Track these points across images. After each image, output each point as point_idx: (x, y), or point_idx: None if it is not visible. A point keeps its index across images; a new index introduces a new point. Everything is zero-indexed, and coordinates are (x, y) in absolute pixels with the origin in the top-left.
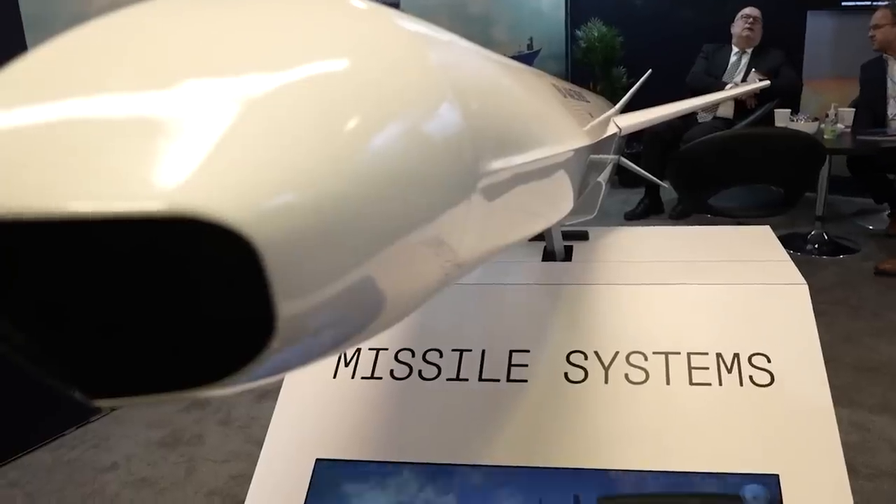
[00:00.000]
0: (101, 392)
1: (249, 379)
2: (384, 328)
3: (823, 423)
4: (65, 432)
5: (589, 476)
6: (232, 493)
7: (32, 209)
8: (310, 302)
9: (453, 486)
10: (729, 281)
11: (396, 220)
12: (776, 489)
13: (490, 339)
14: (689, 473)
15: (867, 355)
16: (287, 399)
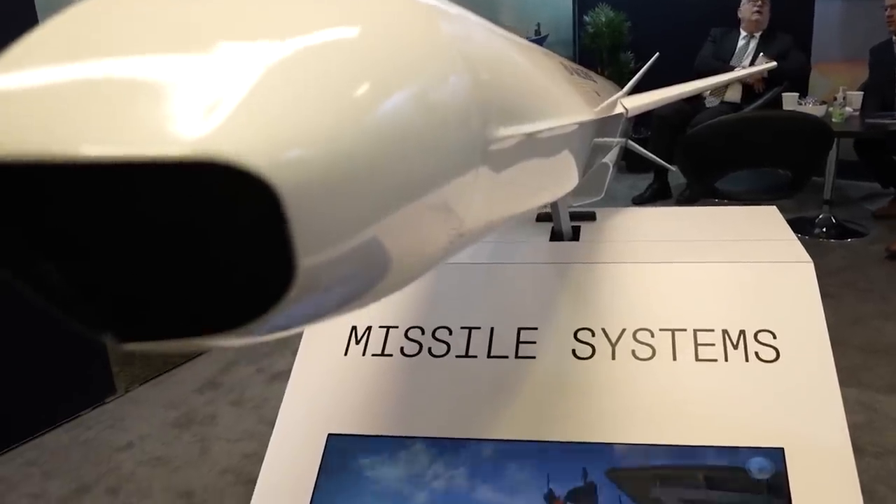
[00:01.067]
0: (130, 336)
1: (267, 328)
2: (389, 291)
3: (828, 397)
4: (81, 413)
5: (596, 450)
6: (245, 472)
7: (66, 154)
8: (327, 253)
9: (463, 459)
10: (735, 259)
11: (407, 181)
12: (781, 462)
13: (498, 316)
14: (696, 447)
15: (875, 337)
16: (299, 376)
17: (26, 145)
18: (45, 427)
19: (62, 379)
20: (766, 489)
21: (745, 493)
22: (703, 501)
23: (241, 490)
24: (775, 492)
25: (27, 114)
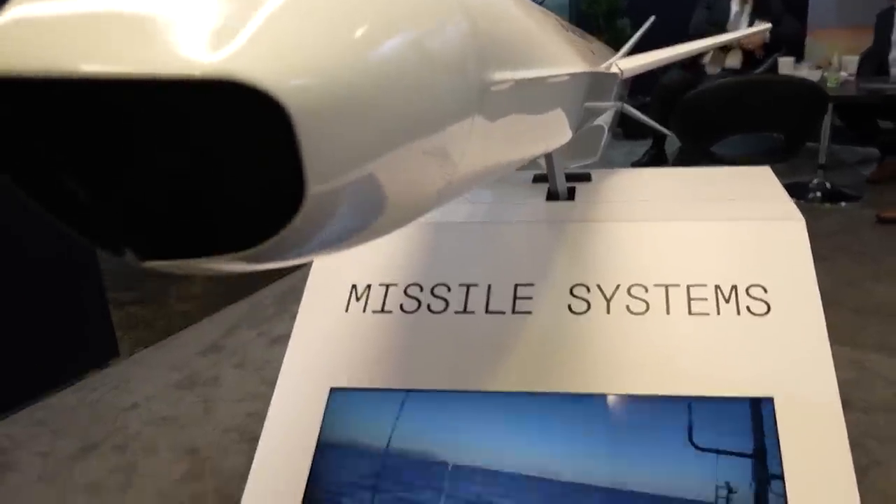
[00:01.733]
0: (149, 254)
1: (274, 253)
2: (384, 231)
3: (818, 349)
4: (86, 375)
5: (592, 400)
6: (248, 430)
7: (94, 72)
8: (333, 180)
9: (462, 412)
10: (728, 217)
11: (406, 118)
12: (771, 411)
13: (496, 274)
14: (688, 397)
15: (867, 298)
16: (301, 332)
17: (58, 63)
18: (51, 388)
19: (67, 342)
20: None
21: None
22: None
23: (245, 447)
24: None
25: (56, 36)
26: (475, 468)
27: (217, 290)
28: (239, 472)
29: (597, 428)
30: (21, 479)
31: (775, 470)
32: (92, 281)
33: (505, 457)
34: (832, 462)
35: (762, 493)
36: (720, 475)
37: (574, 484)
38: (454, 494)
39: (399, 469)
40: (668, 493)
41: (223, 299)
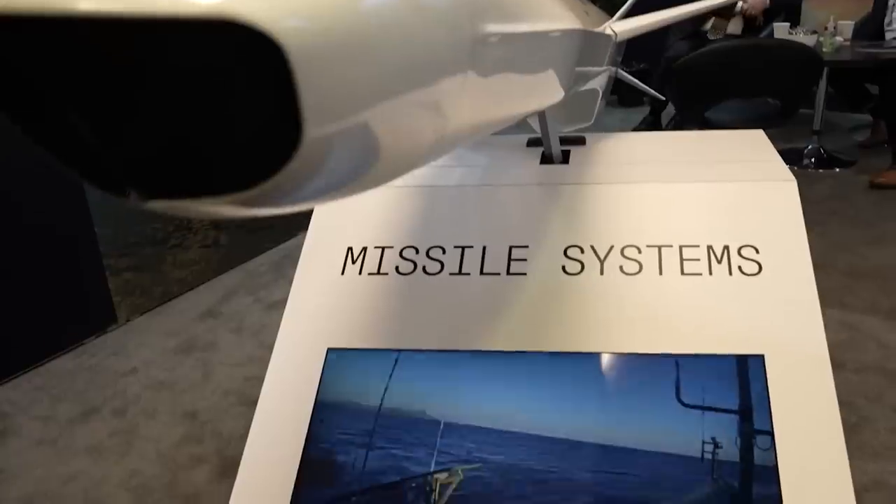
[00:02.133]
0: (151, 195)
1: (270, 196)
2: (377, 182)
3: (808, 308)
4: (84, 341)
5: (583, 359)
6: (247, 393)
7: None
8: (328, 124)
9: (458, 371)
10: (721, 179)
11: (401, 66)
12: (762, 369)
13: (490, 236)
14: (680, 355)
15: (859, 262)
16: (298, 294)
17: (54, 1)
18: (49, 354)
19: (64, 308)
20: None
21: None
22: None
23: (243, 410)
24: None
25: None
26: (467, 426)
27: (213, 257)
28: (238, 435)
29: (587, 386)
30: (22, 443)
31: (761, 426)
32: (88, 247)
33: (497, 414)
34: (821, 417)
35: (747, 447)
36: (706, 431)
37: (565, 440)
38: (446, 451)
39: (392, 427)
40: (657, 448)
41: (219, 266)
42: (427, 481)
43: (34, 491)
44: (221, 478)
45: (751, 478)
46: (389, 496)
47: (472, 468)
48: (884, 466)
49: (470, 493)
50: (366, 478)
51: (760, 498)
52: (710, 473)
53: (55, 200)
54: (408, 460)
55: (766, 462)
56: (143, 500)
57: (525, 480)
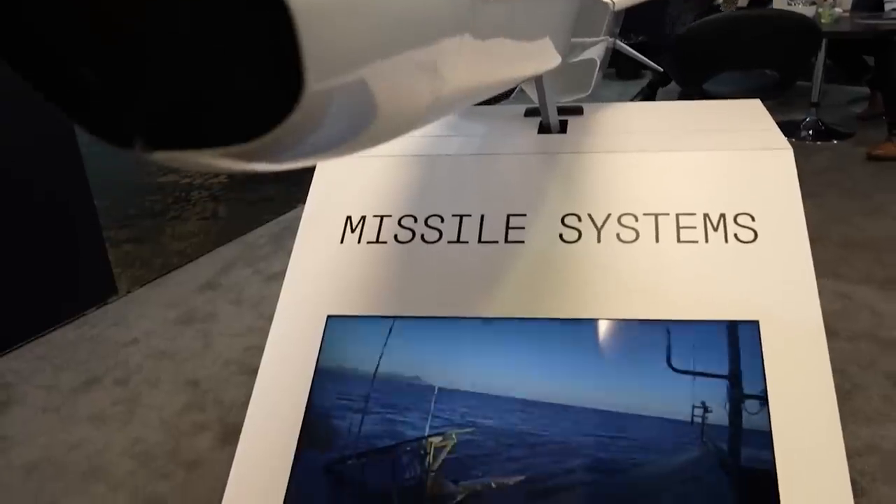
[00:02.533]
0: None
1: (270, 150)
2: (374, 142)
3: (802, 275)
4: (85, 312)
5: (577, 326)
6: (247, 363)
7: None
8: (329, 79)
9: (456, 337)
10: (717, 147)
11: (401, 24)
12: (752, 334)
13: (488, 204)
14: (676, 321)
15: (855, 233)
16: (297, 263)
17: None
18: (50, 326)
19: (65, 280)
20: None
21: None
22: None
23: (244, 379)
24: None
25: None
26: (461, 391)
27: (212, 230)
28: (240, 403)
29: (579, 352)
30: (26, 412)
31: (750, 390)
32: (88, 220)
33: (490, 380)
34: (814, 383)
35: (736, 412)
36: (696, 395)
37: (556, 405)
38: (440, 416)
39: (387, 392)
40: (648, 412)
41: (218, 238)
42: (422, 445)
43: (39, 458)
44: (223, 444)
45: (739, 441)
46: (385, 459)
47: (465, 432)
48: (876, 431)
49: (463, 457)
50: (362, 442)
51: (749, 460)
52: (700, 437)
53: (54, 173)
54: (403, 425)
55: (754, 426)
56: (147, 467)
57: (517, 444)
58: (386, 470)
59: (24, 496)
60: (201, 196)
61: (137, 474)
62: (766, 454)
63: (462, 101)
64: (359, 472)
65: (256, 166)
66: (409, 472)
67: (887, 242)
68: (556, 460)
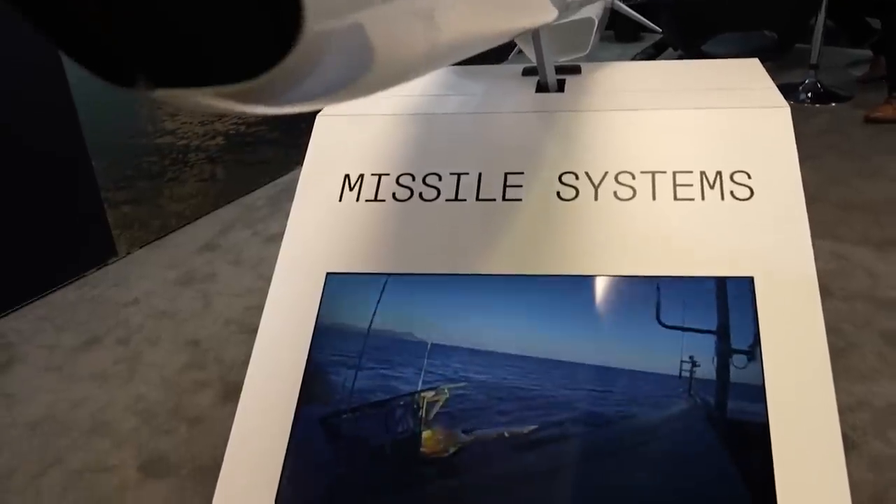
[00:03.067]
0: (156, 83)
1: (262, 92)
2: (368, 90)
3: (797, 232)
4: (85, 273)
5: (568, 282)
6: (247, 322)
7: None
8: (327, 21)
9: (450, 294)
10: (714, 105)
11: None
12: (742, 290)
13: (486, 163)
14: (672, 277)
15: (852, 195)
16: (296, 221)
17: None
18: (51, 287)
19: (64, 242)
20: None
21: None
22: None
23: (244, 338)
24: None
25: None
26: (453, 347)
27: (210, 191)
28: (240, 361)
29: (573, 308)
30: (29, 370)
31: (738, 345)
32: (86, 180)
33: (482, 335)
34: (808, 339)
35: (724, 366)
36: (685, 350)
37: (547, 360)
38: (433, 371)
39: (381, 348)
40: (637, 367)
41: (216, 200)
42: (415, 399)
43: (43, 415)
44: (225, 401)
45: (726, 395)
46: (379, 413)
47: (457, 387)
48: (869, 388)
49: (455, 410)
50: (356, 396)
51: (735, 413)
52: (688, 391)
53: (52, 135)
54: (396, 380)
55: (741, 380)
56: (150, 423)
57: (508, 398)
58: (380, 423)
59: (30, 452)
60: (199, 158)
61: (141, 430)
62: (751, 407)
63: (458, 51)
64: (353, 426)
65: (255, 108)
66: (402, 426)
67: (885, 204)
68: (546, 413)
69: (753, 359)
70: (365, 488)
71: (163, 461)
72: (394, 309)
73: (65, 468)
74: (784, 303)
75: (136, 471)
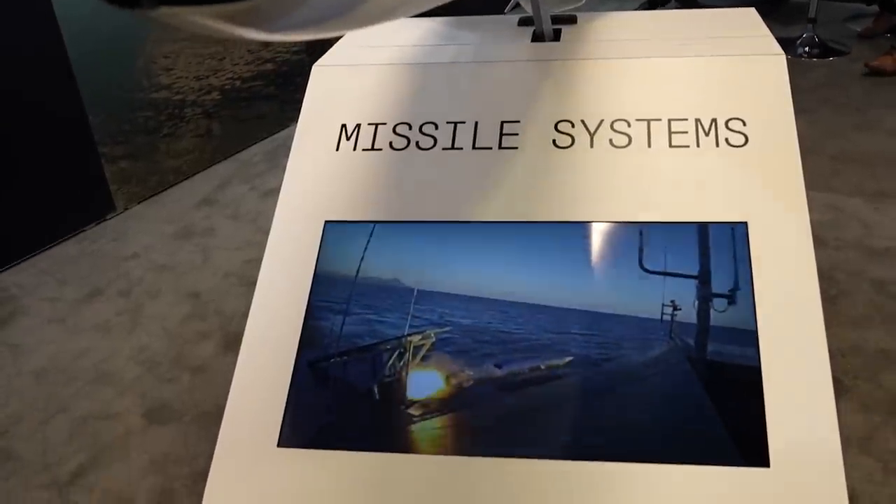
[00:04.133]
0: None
1: (255, 14)
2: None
3: (791, 178)
4: (85, 228)
5: (557, 228)
6: (247, 275)
7: None
8: None
9: (452, 240)
10: (711, 53)
11: None
12: (725, 235)
13: (482, 111)
14: (667, 223)
15: (848, 147)
16: (294, 170)
17: None
18: (51, 241)
19: (63, 197)
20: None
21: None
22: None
23: (243, 290)
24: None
25: None
26: (440, 293)
27: (207, 147)
28: (241, 313)
29: (559, 254)
30: (33, 322)
31: (718, 289)
32: (83, 135)
33: (470, 282)
34: (800, 284)
35: (704, 310)
36: (667, 295)
37: (533, 305)
38: (419, 316)
39: (368, 294)
40: (619, 311)
41: (213, 156)
42: (401, 343)
43: (48, 365)
44: (226, 351)
45: (706, 337)
46: (366, 357)
47: (443, 331)
48: (860, 334)
49: (441, 354)
50: (344, 341)
51: (714, 354)
52: (668, 333)
53: (47, 90)
54: (383, 324)
55: (720, 323)
56: (153, 372)
57: (493, 341)
58: (367, 367)
59: (35, 400)
60: (195, 113)
61: (144, 379)
62: (730, 349)
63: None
64: (341, 370)
65: (251, 32)
66: (389, 370)
67: (880, 157)
68: (530, 356)
69: (733, 302)
70: (354, 430)
71: (166, 408)
72: (382, 256)
73: (70, 415)
74: (778, 248)
75: (140, 417)
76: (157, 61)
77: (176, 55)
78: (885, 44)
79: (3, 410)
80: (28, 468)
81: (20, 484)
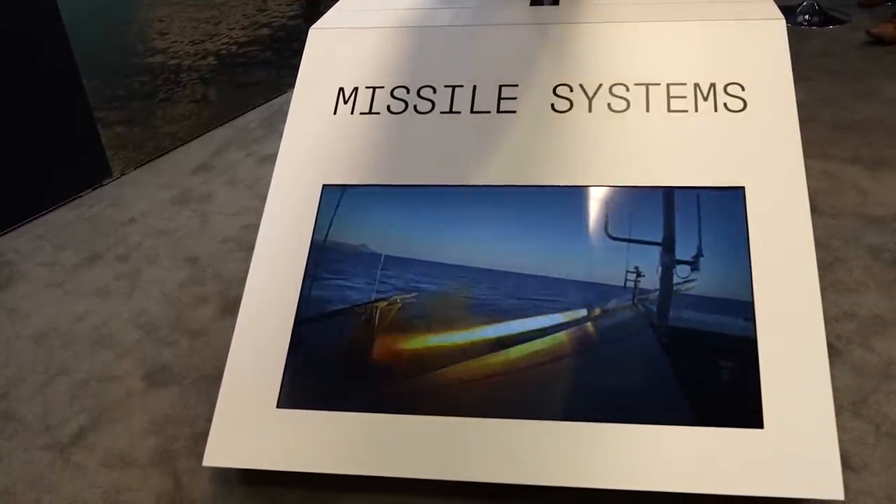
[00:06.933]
0: None
1: None
2: None
3: (789, 143)
4: (81, 193)
5: (573, 192)
6: (244, 240)
7: None
8: None
9: (449, 204)
10: (709, 17)
11: None
12: (742, 199)
13: (481, 75)
14: (664, 187)
15: (845, 115)
16: (291, 134)
17: None
18: (47, 207)
19: (59, 162)
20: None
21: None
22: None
23: (242, 255)
24: None
25: None
26: (406, 258)
27: (203, 113)
28: (239, 277)
29: (526, 220)
30: (31, 287)
31: (682, 256)
32: (79, 99)
33: (436, 248)
34: (796, 249)
35: (667, 277)
36: (631, 261)
37: (496, 271)
38: (386, 281)
39: (336, 260)
40: (584, 278)
41: (209, 121)
42: (367, 309)
43: (47, 328)
44: (225, 315)
45: (669, 303)
46: (334, 323)
47: (409, 297)
48: (855, 300)
49: (407, 318)
50: (312, 305)
51: (676, 320)
52: (632, 299)
53: (42, 52)
54: (350, 290)
55: (683, 289)
56: (152, 336)
57: (457, 306)
58: (334, 332)
59: (35, 363)
60: (191, 78)
61: (143, 342)
62: (690, 314)
63: None
64: (309, 335)
65: None
66: (357, 333)
67: (878, 124)
68: (493, 321)
69: (696, 269)
70: (323, 394)
71: (166, 371)
72: (345, 221)
73: (71, 378)
74: (774, 213)
75: (140, 380)
76: (152, 25)
77: (171, 19)
78: (884, 13)
79: (3, 373)
80: (29, 430)
81: (21, 445)
